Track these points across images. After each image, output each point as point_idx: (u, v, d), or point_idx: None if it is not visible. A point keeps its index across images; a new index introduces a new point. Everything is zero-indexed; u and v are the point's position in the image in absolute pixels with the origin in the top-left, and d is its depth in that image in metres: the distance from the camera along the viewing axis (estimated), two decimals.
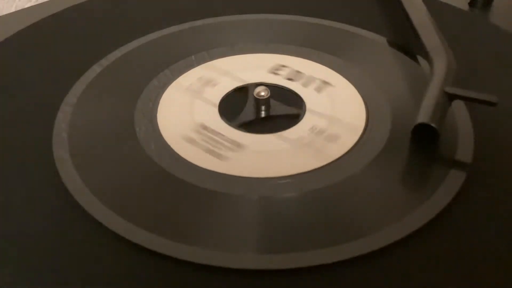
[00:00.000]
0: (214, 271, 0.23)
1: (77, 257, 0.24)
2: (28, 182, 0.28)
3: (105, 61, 0.36)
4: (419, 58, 0.36)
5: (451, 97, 0.30)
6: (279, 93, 0.34)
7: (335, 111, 0.32)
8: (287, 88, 0.34)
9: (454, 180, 0.27)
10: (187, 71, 0.35)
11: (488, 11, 0.42)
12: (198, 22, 0.40)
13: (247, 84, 0.34)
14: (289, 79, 0.35)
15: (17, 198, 0.27)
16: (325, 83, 0.34)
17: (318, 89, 0.34)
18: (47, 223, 0.26)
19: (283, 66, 0.36)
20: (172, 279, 0.23)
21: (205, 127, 0.31)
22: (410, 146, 0.29)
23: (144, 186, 0.28)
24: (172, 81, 0.34)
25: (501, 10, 0.42)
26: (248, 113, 0.33)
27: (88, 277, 0.23)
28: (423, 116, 0.29)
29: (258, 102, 0.32)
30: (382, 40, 0.38)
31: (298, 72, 0.35)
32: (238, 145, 0.30)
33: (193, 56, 0.36)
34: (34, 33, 0.39)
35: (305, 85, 0.34)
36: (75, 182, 0.27)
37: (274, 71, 0.35)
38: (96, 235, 0.25)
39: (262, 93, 0.32)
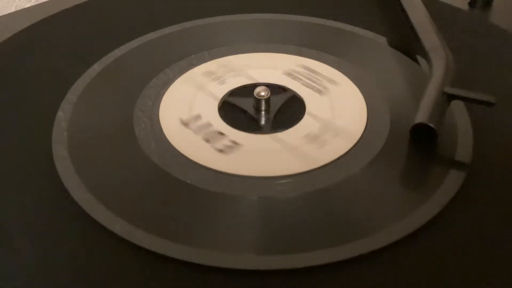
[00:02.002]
0: (214, 271, 0.23)
1: (76, 256, 0.24)
2: (27, 181, 0.28)
3: (105, 61, 0.36)
4: (419, 58, 0.36)
5: (450, 97, 0.30)
6: (280, 93, 0.34)
7: (335, 111, 0.32)
8: (287, 88, 0.34)
9: (454, 180, 0.27)
10: (187, 71, 0.35)
11: (488, 11, 0.42)
12: (198, 22, 0.40)
13: (248, 85, 0.34)
14: (291, 77, 0.35)
15: (17, 197, 0.27)
16: (325, 82, 0.34)
17: (318, 89, 0.34)
18: (46, 223, 0.26)
19: (283, 65, 0.36)
20: (171, 279, 0.23)
21: (205, 127, 0.31)
22: (410, 146, 0.29)
23: (143, 186, 0.28)
24: (172, 81, 0.34)
25: (501, 10, 0.42)
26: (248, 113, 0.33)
27: (87, 277, 0.23)
28: (422, 116, 0.29)
29: (258, 102, 0.32)
30: (382, 40, 0.38)
31: (298, 71, 0.35)
32: (237, 147, 0.30)
33: (193, 56, 0.36)
34: (34, 33, 0.39)
35: (305, 84, 0.34)
36: (74, 182, 0.27)
37: (276, 71, 0.35)
38: (95, 235, 0.25)
39: (262, 93, 0.32)
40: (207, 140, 0.30)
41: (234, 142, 0.30)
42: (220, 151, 0.29)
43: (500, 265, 0.24)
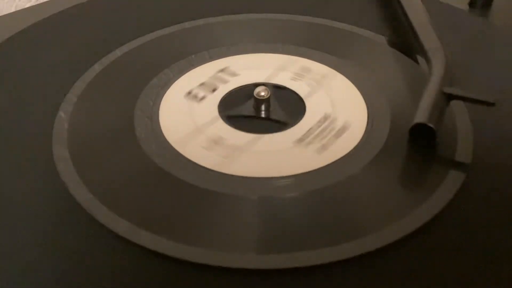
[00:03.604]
0: (214, 271, 0.23)
1: (76, 256, 0.24)
2: (28, 181, 0.28)
3: (105, 61, 0.36)
4: (419, 58, 0.36)
5: (449, 97, 0.30)
6: (280, 93, 0.34)
7: (335, 111, 0.32)
8: (287, 88, 0.34)
9: (454, 180, 0.27)
10: (187, 71, 0.35)
11: (488, 11, 0.42)
12: (198, 22, 0.40)
13: (248, 85, 0.34)
14: (290, 77, 0.35)
15: (17, 197, 0.27)
16: (325, 82, 0.34)
17: (318, 89, 0.34)
18: (46, 222, 0.26)
19: (283, 65, 0.36)
20: (172, 279, 0.23)
21: (205, 127, 0.31)
22: (410, 146, 0.29)
23: (144, 186, 0.28)
24: (173, 81, 0.34)
25: (501, 10, 0.42)
26: (248, 113, 0.33)
27: (87, 277, 0.23)
28: (421, 116, 0.29)
29: (258, 102, 0.32)
30: (382, 40, 0.38)
31: (298, 71, 0.35)
32: (237, 147, 0.30)
33: (193, 56, 0.36)
34: (34, 33, 0.39)
35: (304, 84, 0.34)
36: (75, 182, 0.27)
37: (277, 71, 0.35)
38: (96, 235, 0.25)
39: (262, 93, 0.32)
40: (207, 140, 0.30)
41: (234, 142, 0.30)
42: (220, 151, 0.29)
43: (500, 265, 0.24)
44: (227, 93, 0.34)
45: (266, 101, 0.32)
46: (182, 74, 0.35)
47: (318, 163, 0.28)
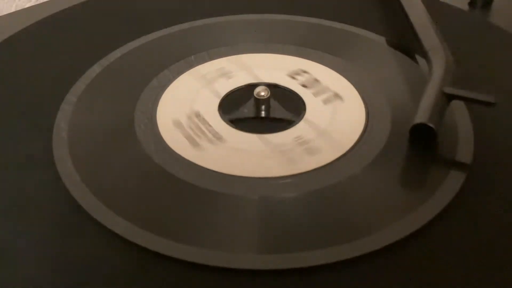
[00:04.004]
0: (214, 271, 0.23)
1: (77, 257, 0.24)
2: (28, 181, 0.28)
3: (105, 61, 0.36)
4: (419, 58, 0.36)
5: (450, 97, 0.30)
6: (280, 93, 0.34)
7: (335, 111, 0.32)
8: (287, 88, 0.34)
9: (454, 180, 0.27)
10: (187, 71, 0.35)
11: (488, 11, 0.42)
12: (198, 22, 0.40)
13: (248, 85, 0.34)
14: (291, 77, 0.35)
15: (17, 197, 0.27)
16: (325, 82, 0.34)
17: (317, 88, 0.34)
18: (46, 222, 0.26)
19: (283, 65, 0.36)
20: (172, 279, 0.23)
21: (198, 115, 0.31)
22: (410, 146, 0.29)
23: (144, 186, 0.28)
24: (172, 81, 0.34)
25: (501, 10, 0.42)
26: (248, 112, 0.33)
27: (87, 277, 0.23)
28: (421, 116, 0.29)
29: (258, 102, 0.32)
30: (382, 40, 0.38)
31: (297, 71, 0.35)
32: (237, 147, 0.30)
33: (193, 56, 0.36)
34: (34, 33, 0.39)
35: (304, 84, 0.34)
36: (75, 182, 0.27)
37: (277, 71, 0.35)
38: (96, 235, 0.25)
39: (262, 93, 0.32)
40: (207, 140, 0.30)
41: (235, 142, 0.30)
42: (221, 151, 0.29)
43: (500, 265, 0.24)
44: (227, 93, 0.34)
45: (266, 101, 0.32)
46: (182, 75, 0.35)
47: (318, 163, 0.28)
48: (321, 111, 0.32)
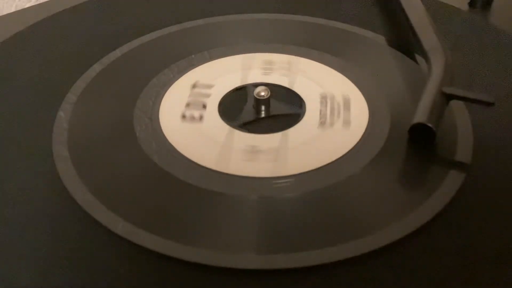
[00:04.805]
0: (214, 271, 0.23)
1: (76, 256, 0.24)
2: (27, 181, 0.28)
3: (105, 61, 0.36)
4: (418, 58, 0.36)
5: (449, 97, 0.30)
6: (280, 93, 0.34)
7: (334, 111, 0.32)
8: (287, 88, 0.34)
9: (454, 180, 0.27)
10: (187, 71, 0.35)
11: (488, 11, 0.42)
12: (198, 22, 0.40)
13: (248, 84, 0.34)
14: (290, 77, 0.35)
15: (17, 197, 0.27)
16: (325, 82, 0.34)
17: (317, 88, 0.34)
18: (46, 222, 0.26)
19: (283, 65, 0.36)
20: (172, 279, 0.23)
21: (205, 127, 0.31)
22: (410, 146, 0.29)
23: (144, 186, 0.28)
24: (172, 81, 0.34)
25: (501, 10, 0.42)
26: (248, 113, 0.33)
27: (87, 277, 0.23)
28: (420, 116, 0.29)
29: (258, 102, 0.32)
30: (381, 40, 0.38)
31: (298, 71, 0.35)
32: (238, 147, 0.30)
33: (193, 56, 0.36)
34: (34, 33, 0.39)
35: (304, 84, 0.34)
36: (75, 182, 0.27)
37: (276, 71, 0.35)
38: (96, 235, 0.25)
39: (262, 93, 0.32)
40: (207, 140, 0.30)
41: (235, 142, 0.30)
42: (221, 150, 0.29)
43: (500, 265, 0.24)
44: (227, 93, 0.34)
45: (266, 101, 0.32)
46: (182, 74, 0.35)
47: (318, 163, 0.28)
48: (321, 110, 0.32)
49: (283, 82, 0.34)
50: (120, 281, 0.23)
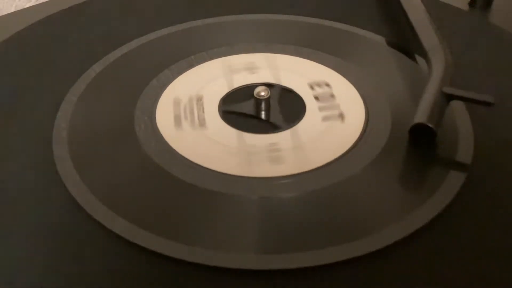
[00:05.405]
0: (214, 271, 0.23)
1: (76, 256, 0.24)
2: (28, 181, 0.28)
3: (105, 61, 0.36)
4: (418, 58, 0.36)
5: (449, 97, 0.30)
6: (279, 93, 0.34)
7: (335, 111, 0.32)
8: (287, 87, 0.34)
9: (454, 181, 0.27)
10: (187, 71, 0.35)
11: (488, 11, 0.42)
12: (198, 22, 0.40)
13: (249, 84, 0.34)
14: (290, 77, 0.35)
15: (17, 197, 0.27)
16: (325, 82, 0.34)
17: (317, 88, 0.34)
18: (46, 222, 0.26)
19: (283, 65, 0.36)
20: (172, 279, 0.23)
21: (205, 127, 0.31)
22: (410, 146, 0.29)
23: (144, 186, 0.28)
24: (172, 81, 0.34)
25: (501, 10, 0.42)
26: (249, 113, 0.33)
27: (87, 277, 0.23)
28: (420, 116, 0.29)
29: (258, 102, 0.32)
30: (381, 40, 0.38)
31: (319, 82, 0.35)
32: (238, 146, 0.30)
33: (193, 56, 0.36)
34: (34, 33, 0.39)
35: (304, 84, 0.34)
36: (75, 182, 0.27)
37: (273, 70, 0.35)
38: (95, 235, 0.25)
39: (262, 93, 0.32)
40: (207, 140, 0.30)
41: (235, 142, 0.30)
42: (221, 150, 0.29)
43: (500, 265, 0.24)
44: (227, 93, 0.34)
45: (266, 101, 0.32)
46: (182, 74, 0.35)
47: (318, 163, 0.28)
48: (321, 110, 0.32)
49: (286, 84, 0.34)
50: (120, 281, 0.23)
